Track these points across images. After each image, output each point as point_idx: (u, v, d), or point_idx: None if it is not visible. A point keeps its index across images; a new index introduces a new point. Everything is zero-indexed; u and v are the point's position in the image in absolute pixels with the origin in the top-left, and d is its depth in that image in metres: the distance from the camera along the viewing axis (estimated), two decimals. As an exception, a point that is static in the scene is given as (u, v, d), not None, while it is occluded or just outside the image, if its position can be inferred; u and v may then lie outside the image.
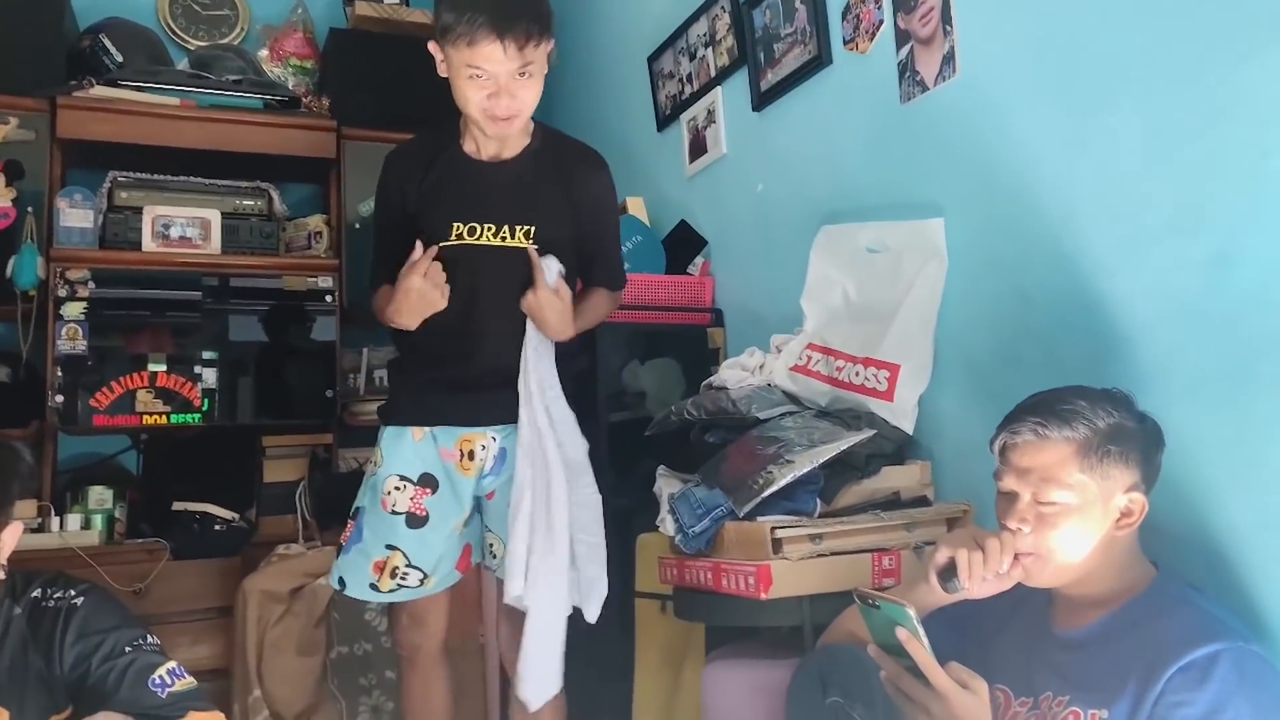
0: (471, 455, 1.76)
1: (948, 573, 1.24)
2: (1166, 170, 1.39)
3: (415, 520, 1.74)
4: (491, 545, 1.81)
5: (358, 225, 3.14)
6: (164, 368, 2.66)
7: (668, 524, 1.80)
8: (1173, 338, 1.39)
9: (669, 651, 2.11)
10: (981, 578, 1.21)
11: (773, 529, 1.56)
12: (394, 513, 1.74)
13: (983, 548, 1.21)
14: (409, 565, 1.75)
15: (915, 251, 1.84)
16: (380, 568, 1.74)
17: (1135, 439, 1.22)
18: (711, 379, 2.06)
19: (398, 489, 1.73)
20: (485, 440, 1.76)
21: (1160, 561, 1.28)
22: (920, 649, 1.07)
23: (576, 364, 2.37)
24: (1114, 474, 1.20)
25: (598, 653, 2.27)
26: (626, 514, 2.25)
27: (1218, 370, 1.33)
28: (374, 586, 1.75)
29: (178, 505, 2.65)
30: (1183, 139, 1.36)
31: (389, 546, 1.74)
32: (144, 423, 2.64)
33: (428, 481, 1.75)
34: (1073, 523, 1.18)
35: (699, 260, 2.58)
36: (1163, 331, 1.40)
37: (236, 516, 2.69)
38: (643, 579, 2.18)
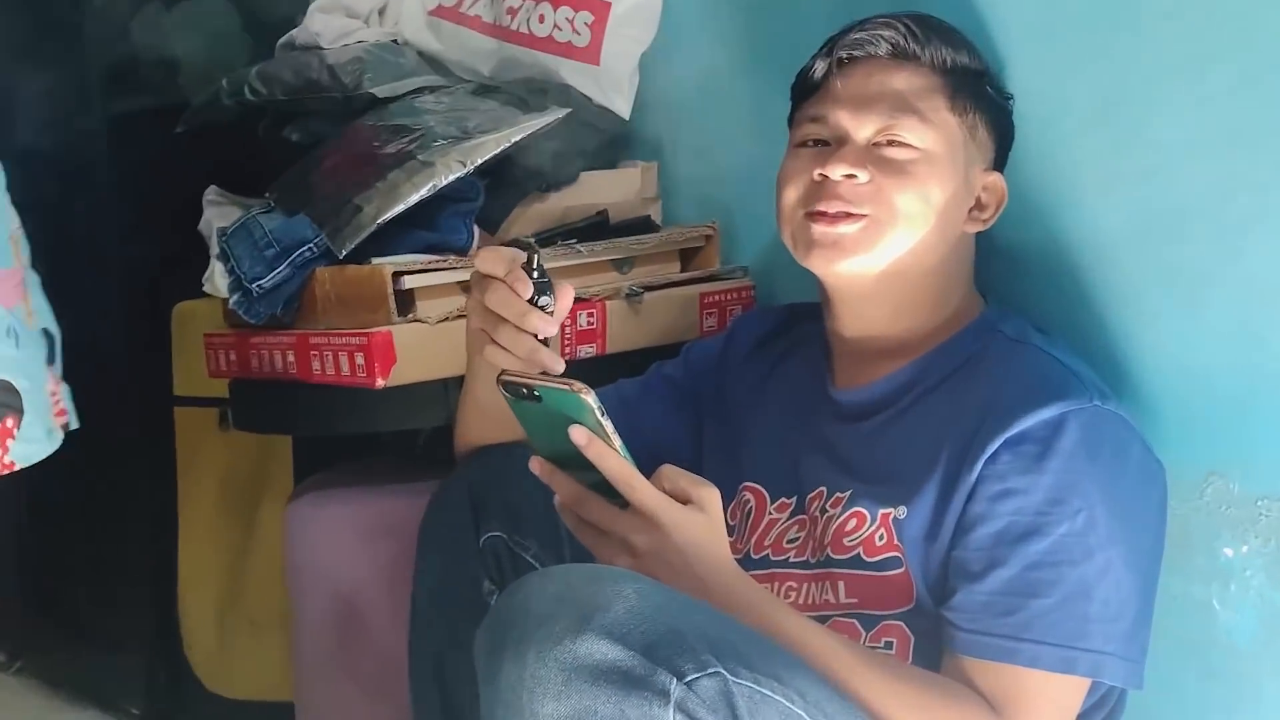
0: None
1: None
2: None
3: None
4: None
5: None
6: None
7: (219, 279, 1.77)
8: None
9: (234, 488, 2.15)
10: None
11: (397, 274, 1.55)
12: None
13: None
14: None
15: None
16: None
17: (1002, 98, 1.33)
18: (295, 33, 2.00)
19: None
20: None
21: (991, 293, 1.34)
22: (608, 452, 1.03)
23: (51, 12, 2.24)
24: (980, 136, 1.28)
25: (117, 503, 2.27)
26: (150, 272, 2.25)
27: (1089, 8, 1.37)
28: None
29: None
30: None
31: None
32: None
33: None
34: (930, 180, 1.23)
35: None
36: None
37: None
38: (185, 377, 2.20)
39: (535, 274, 1.09)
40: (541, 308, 1.10)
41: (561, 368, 1.09)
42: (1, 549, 2.63)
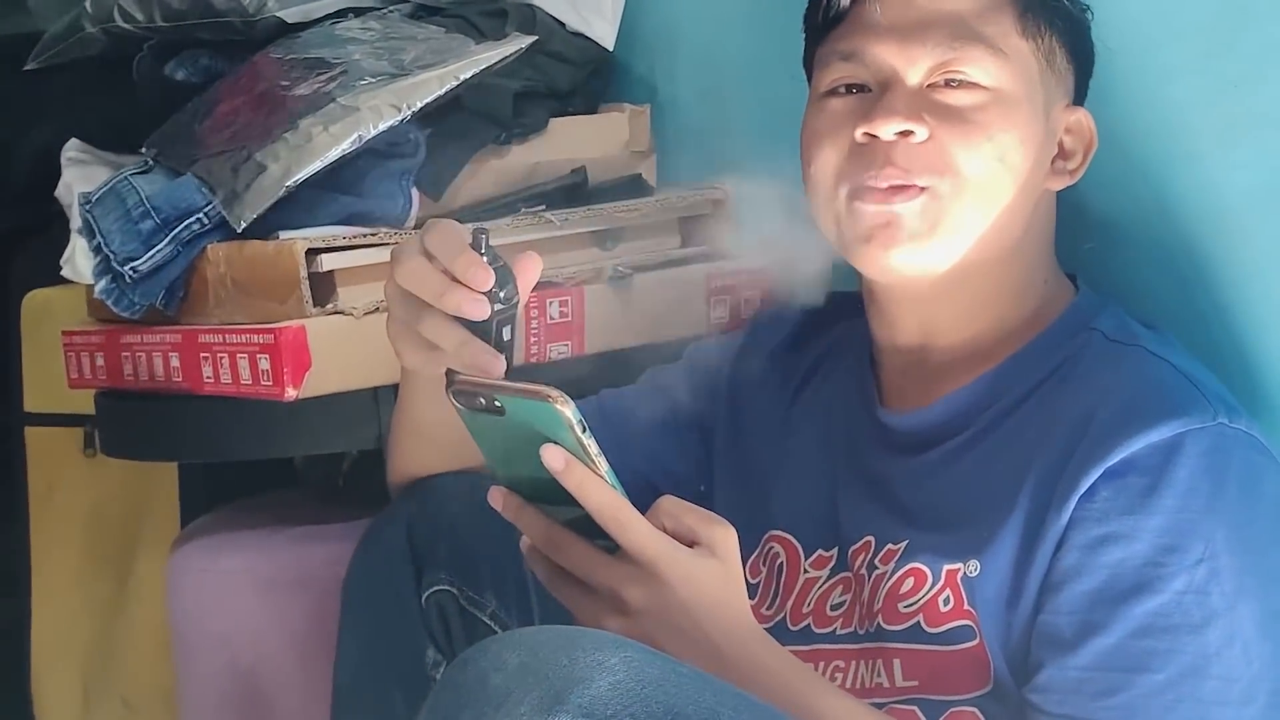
0: None
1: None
2: None
3: None
4: None
5: None
6: None
7: (82, 260, 1.75)
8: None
9: (103, 529, 2.13)
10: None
11: (313, 253, 1.50)
12: None
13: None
14: None
15: None
16: None
17: (1080, 13, 1.27)
18: None
19: None
20: None
21: (1081, 272, 1.30)
22: (592, 480, 0.98)
23: None
24: (1059, 63, 1.22)
25: None
26: None
27: None
28: None
29: None
30: None
31: None
32: None
33: None
34: (1007, 128, 1.17)
35: None
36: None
37: None
38: (37, 390, 2.20)
39: (485, 257, 1.05)
40: (503, 300, 1.05)
41: (502, 368, 1.03)
42: None
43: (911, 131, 1.14)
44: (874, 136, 1.15)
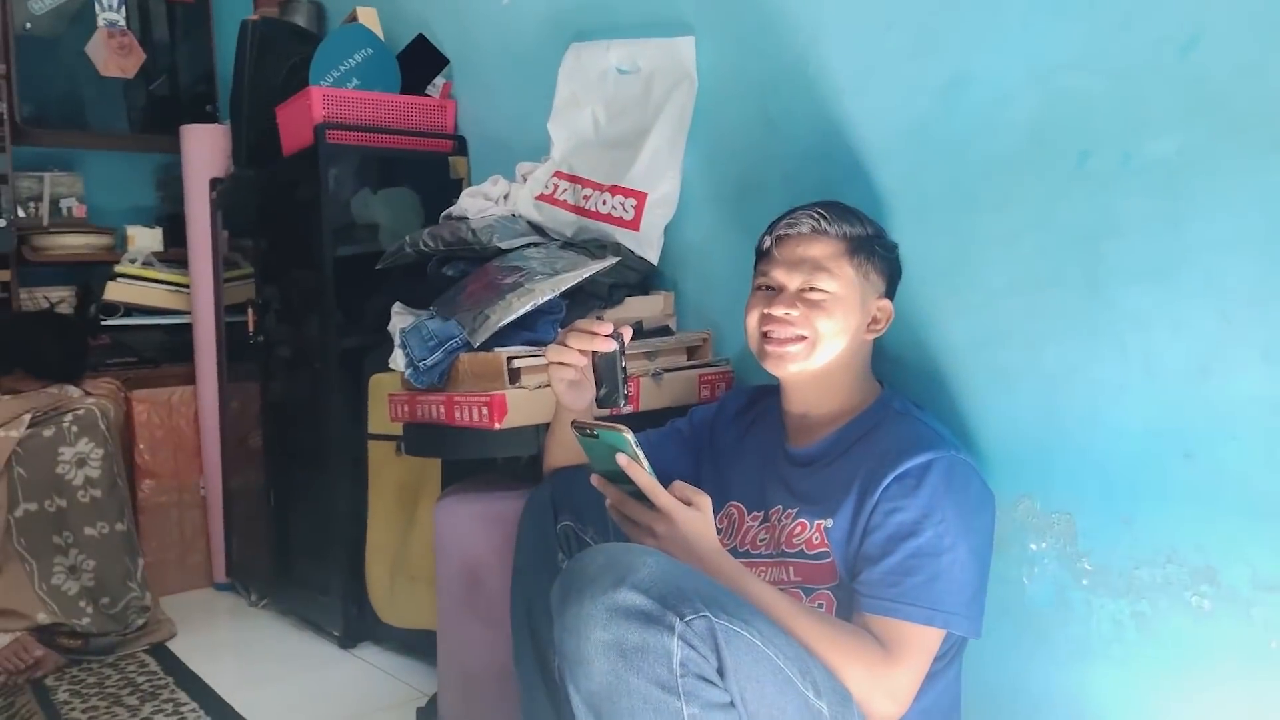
0: None
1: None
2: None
3: None
4: None
5: (28, 26, 2.63)
6: None
7: (399, 359, 1.68)
8: (906, 162, 1.39)
9: (403, 492, 2.09)
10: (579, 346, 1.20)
11: (510, 358, 1.50)
12: None
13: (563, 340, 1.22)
14: None
15: (666, 73, 1.75)
16: None
17: (891, 252, 1.28)
18: (451, 209, 1.96)
19: None
20: None
21: (885, 380, 1.31)
22: (640, 471, 1.03)
23: (299, 194, 2.15)
24: (873, 278, 1.24)
25: (330, 500, 2.22)
26: (357, 355, 2.16)
27: (944, 194, 1.34)
28: None
29: None
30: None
31: None
32: None
33: None
34: (839, 312, 1.20)
35: (439, 81, 2.35)
36: (897, 156, 1.40)
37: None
38: (375, 421, 2.14)
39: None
40: (617, 338, 1.15)
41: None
42: (255, 530, 2.62)
43: (790, 312, 1.20)
44: (770, 315, 1.21)
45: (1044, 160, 1.23)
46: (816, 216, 1.21)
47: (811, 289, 1.20)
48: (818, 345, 1.20)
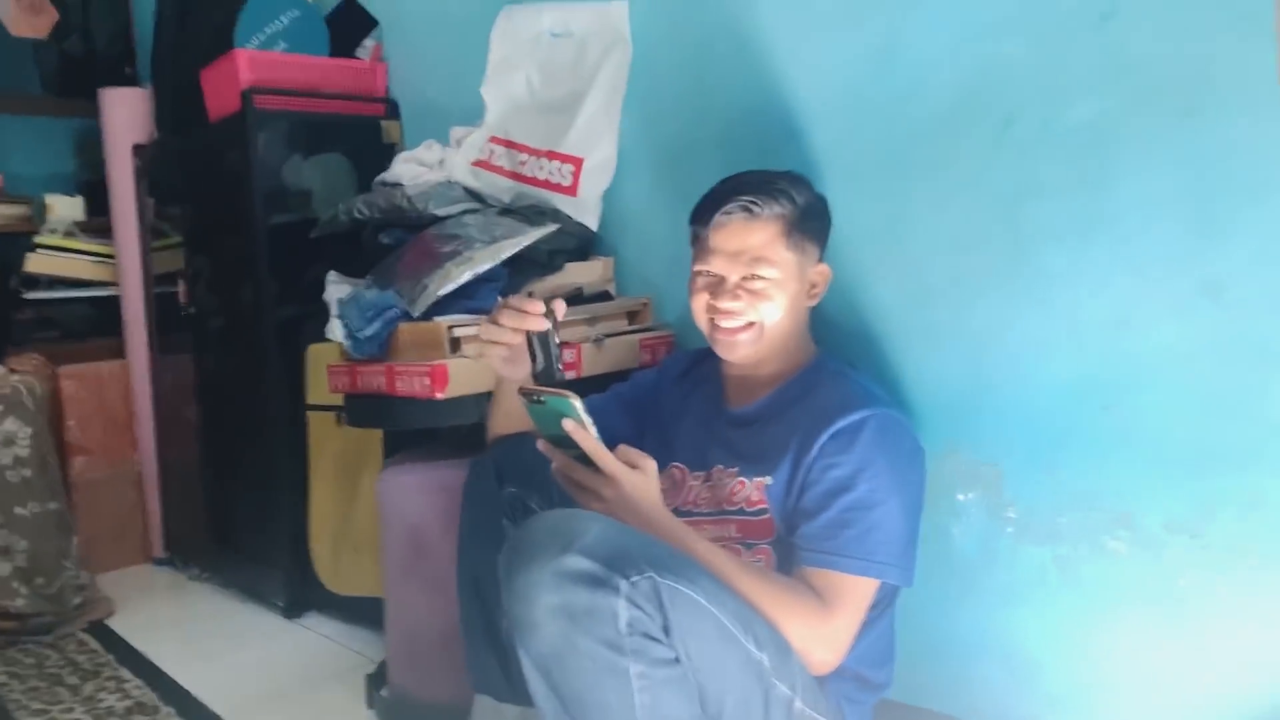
0: None
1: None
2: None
3: None
4: None
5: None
6: None
7: (336, 329, 1.68)
8: (838, 126, 1.39)
9: (345, 463, 2.06)
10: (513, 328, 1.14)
11: (450, 328, 1.49)
12: None
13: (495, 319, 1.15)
14: None
15: (599, 37, 1.73)
16: None
17: (823, 216, 1.26)
18: (385, 175, 1.93)
19: None
20: None
21: (821, 341, 1.32)
22: (587, 436, 1.02)
23: (228, 160, 2.08)
24: (808, 249, 1.23)
25: (270, 472, 2.19)
26: (292, 325, 2.12)
27: (876, 157, 1.35)
28: None
29: None
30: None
31: None
32: None
33: None
34: (781, 294, 1.20)
35: (369, 43, 2.29)
36: (830, 120, 1.41)
37: None
38: (314, 392, 2.11)
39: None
40: (550, 315, 1.09)
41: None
42: (193, 504, 2.57)
43: (736, 306, 1.19)
44: (717, 308, 1.21)
45: (971, 124, 1.25)
46: (748, 204, 1.18)
47: (754, 277, 1.19)
48: (766, 328, 1.21)
